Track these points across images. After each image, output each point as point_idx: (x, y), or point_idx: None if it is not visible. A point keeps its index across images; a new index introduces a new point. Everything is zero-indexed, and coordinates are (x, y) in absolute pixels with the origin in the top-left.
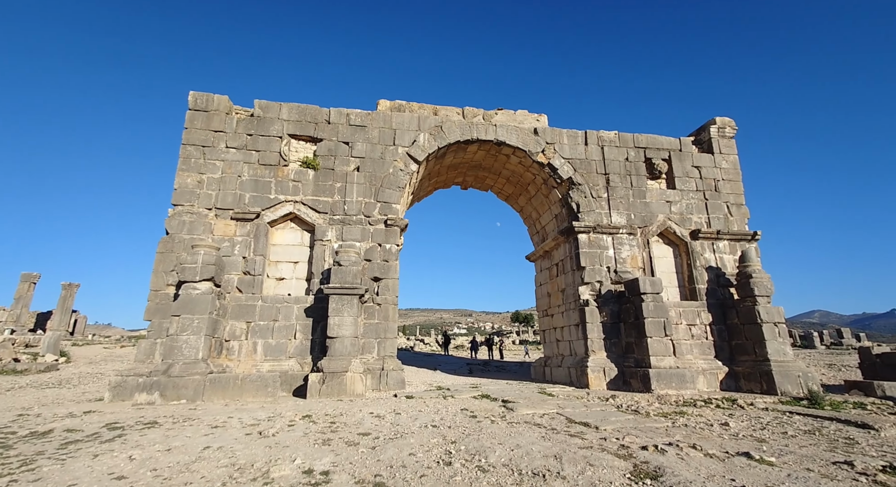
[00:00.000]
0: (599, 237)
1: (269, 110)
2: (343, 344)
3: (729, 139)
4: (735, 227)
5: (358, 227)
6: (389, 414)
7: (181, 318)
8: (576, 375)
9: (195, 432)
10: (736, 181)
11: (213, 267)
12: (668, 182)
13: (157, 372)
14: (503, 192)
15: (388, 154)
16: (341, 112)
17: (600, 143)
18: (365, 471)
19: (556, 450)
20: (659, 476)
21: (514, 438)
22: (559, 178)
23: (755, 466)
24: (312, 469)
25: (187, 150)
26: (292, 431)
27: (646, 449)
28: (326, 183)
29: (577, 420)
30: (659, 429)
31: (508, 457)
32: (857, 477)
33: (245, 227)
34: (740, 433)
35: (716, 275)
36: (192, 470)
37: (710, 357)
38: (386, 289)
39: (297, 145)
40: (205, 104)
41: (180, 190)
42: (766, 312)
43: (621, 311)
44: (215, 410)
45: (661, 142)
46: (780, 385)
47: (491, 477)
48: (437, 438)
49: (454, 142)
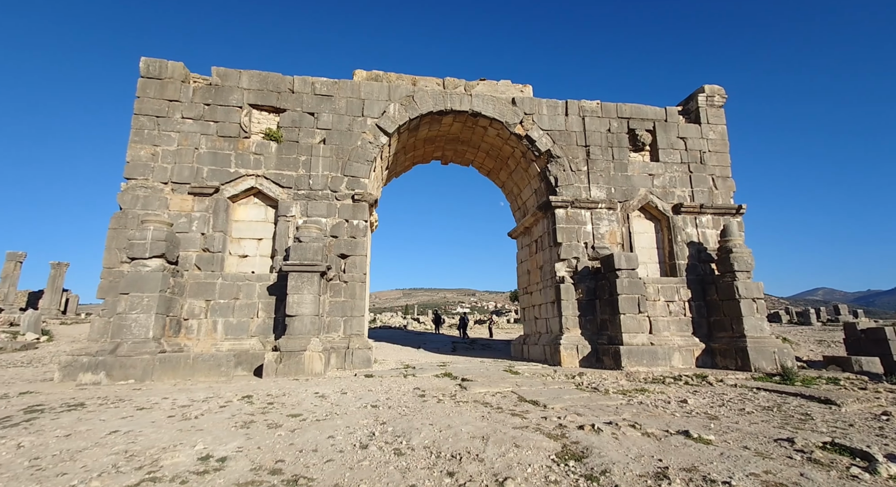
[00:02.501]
0: (577, 212)
1: (228, 78)
2: (302, 322)
3: (718, 108)
4: (720, 201)
5: (324, 203)
6: (335, 394)
7: (130, 296)
8: (550, 353)
9: (115, 415)
10: (723, 152)
11: (164, 244)
12: (651, 154)
13: (104, 351)
14: (484, 167)
15: (356, 125)
16: (306, 80)
17: (581, 114)
18: (268, 457)
19: (487, 431)
20: (584, 456)
21: (450, 418)
22: (537, 151)
23: (690, 445)
24: (212, 455)
25: (140, 121)
26: (220, 413)
27: (582, 429)
28: (290, 156)
29: (527, 399)
30: (609, 407)
31: (433, 439)
32: (791, 455)
33: (203, 203)
34: (695, 410)
35: (697, 251)
36: (77, 459)
37: (687, 333)
38: (353, 267)
39: (258, 116)
40: (158, 71)
41: (133, 163)
42: (744, 288)
43: (597, 288)
44: (159, 390)
45: (646, 112)
46: (755, 361)
47: (402, 461)
48: (369, 419)
49: (427, 114)
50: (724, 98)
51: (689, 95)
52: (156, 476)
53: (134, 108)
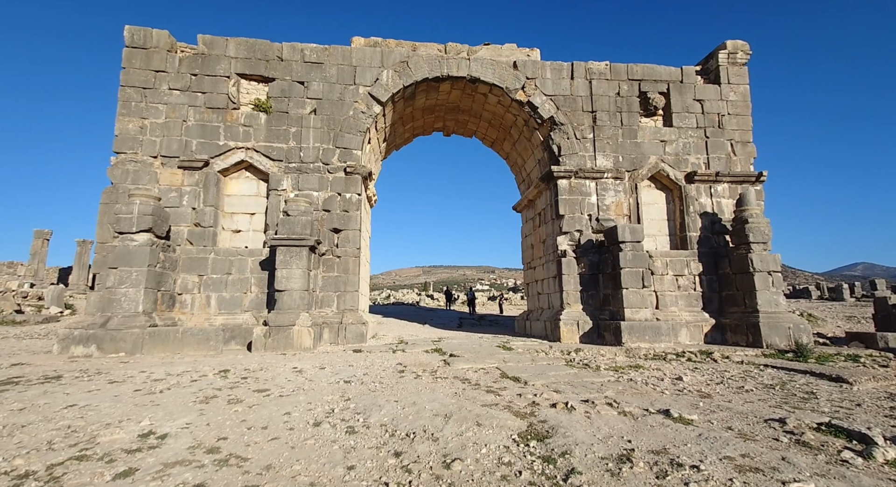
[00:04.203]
0: (581, 182)
1: (215, 46)
2: (291, 297)
3: (740, 66)
4: (738, 168)
5: (315, 176)
6: (312, 370)
7: (119, 271)
8: (550, 329)
9: (83, 388)
10: (744, 115)
11: (151, 218)
12: (664, 119)
13: (95, 325)
14: (487, 138)
15: (347, 94)
16: (295, 47)
17: (588, 77)
18: (213, 434)
19: (452, 409)
20: (548, 437)
21: (419, 395)
22: (540, 118)
23: (668, 425)
24: (154, 432)
25: (126, 93)
26: (189, 388)
27: (554, 407)
28: (280, 127)
29: (510, 375)
30: (594, 385)
31: (392, 417)
32: (779, 437)
33: (193, 176)
34: (689, 388)
35: (710, 222)
36: (16, 434)
37: (696, 309)
38: (346, 241)
39: (247, 86)
40: (143, 40)
41: (122, 136)
42: (759, 260)
43: (601, 262)
44: (144, 364)
45: (660, 73)
46: (767, 337)
47: (351, 440)
48: (335, 395)
49: (422, 81)
50: (748, 54)
51: (708, 53)
52: (86, 453)
53: (120, 80)
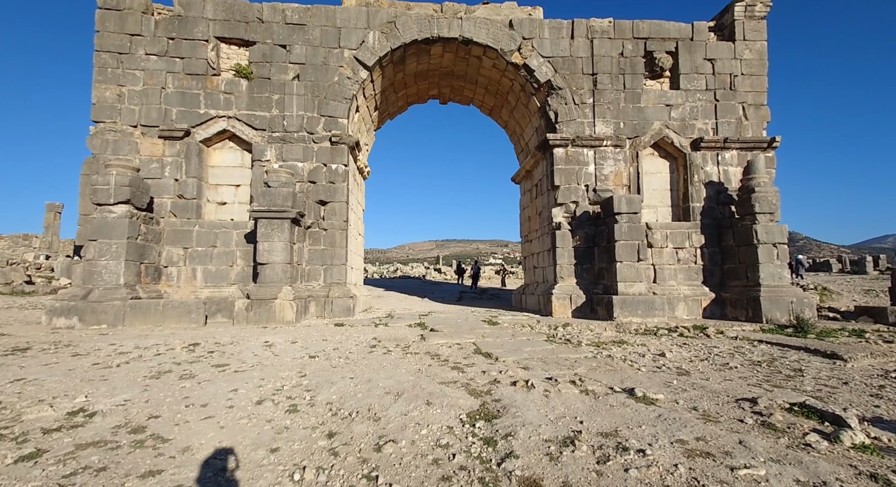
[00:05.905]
0: (579, 151)
1: (192, 7)
2: (273, 270)
3: (758, 20)
4: (749, 133)
5: (300, 146)
6: (283, 344)
7: (98, 243)
8: (543, 303)
9: (41, 361)
10: (760, 75)
11: (129, 189)
12: (671, 81)
13: (76, 297)
14: (485, 105)
15: (332, 58)
16: (276, 8)
17: (590, 36)
18: (147, 412)
19: (406, 386)
20: (497, 417)
21: (378, 372)
22: (536, 82)
23: (629, 405)
24: (86, 409)
25: (102, 58)
26: (148, 362)
27: (514, 385)
28: (262, 95)
29: (483, 351)
30: (568, 361)
31: (342, 395)
32: (744, 418)
33: (175, 147)
34: (668, 365)
35: (716, 192)
36: None
37: (696, 283)
38: (333, 214)
39: (227, 50)
40: (116, 1)
41: (99, 105)
42: (764, 232)
43: (596, 235)
44: (120, 337)
45: (668, 30)
46: (768, 311)
47: (289, 419)
48: (293, 371)
49: (411, 42)
50: (769, 6)
51: (724, 7)
52: (1, 433)
53: (94, 44)
